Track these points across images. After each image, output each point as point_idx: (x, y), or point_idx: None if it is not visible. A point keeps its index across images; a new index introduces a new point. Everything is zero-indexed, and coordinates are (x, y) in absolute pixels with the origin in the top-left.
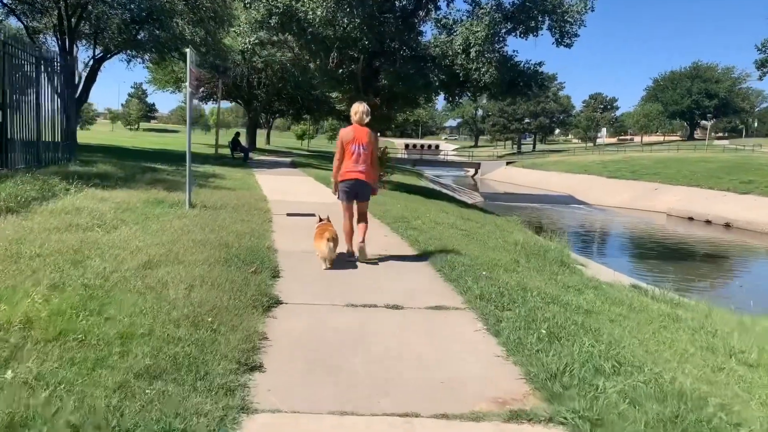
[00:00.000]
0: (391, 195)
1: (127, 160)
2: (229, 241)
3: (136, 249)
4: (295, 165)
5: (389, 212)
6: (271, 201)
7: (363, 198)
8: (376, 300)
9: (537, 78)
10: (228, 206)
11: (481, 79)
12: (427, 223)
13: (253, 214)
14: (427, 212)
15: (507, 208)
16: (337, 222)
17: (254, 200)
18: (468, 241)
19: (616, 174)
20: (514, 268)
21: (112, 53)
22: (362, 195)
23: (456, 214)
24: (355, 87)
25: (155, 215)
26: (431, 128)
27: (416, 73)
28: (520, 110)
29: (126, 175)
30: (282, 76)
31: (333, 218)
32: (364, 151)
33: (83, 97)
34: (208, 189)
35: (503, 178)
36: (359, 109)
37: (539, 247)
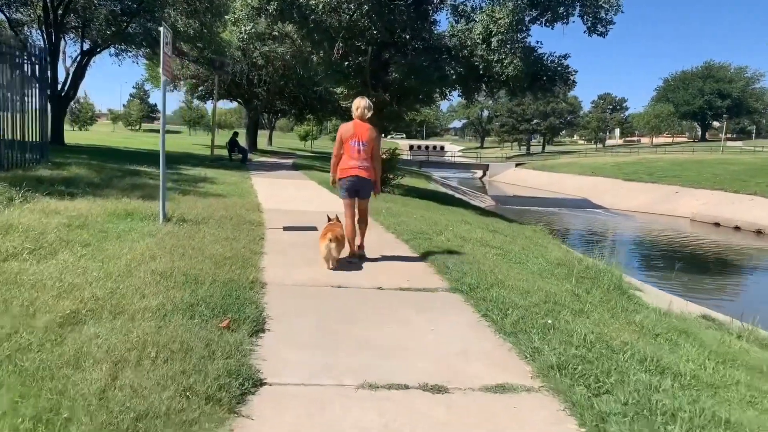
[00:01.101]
0: (403, 202)
1: (113, 161)
2: (202, 273)
3: (66, 289)
4: (297, 167)
5: (406, 225)
6: (267, 210)
7: (363, 195)
8: (404, 371)
9: (562, 72)
10: (212, 219)
11: (504, 72)
12: (452, 240)
13: (242, 230)
14: (447, 224)
15: (521, 213)
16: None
17: (246, 210)
18: (506, 264)
19: (632, 176)
20: (579, 308)
21: (101, 47)
22: (363, 192)
23: (479, 224)
24: (362, 81)
25: (116, 233)
26: (435, 129)
27: (430, 66)
28: (529, 110)
29: (101, 179)
30: (284, 73)
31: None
32: (364, 148)
33: (70, 93)
34: (193, 196)
35: (513, 180)
36: (361, 104)
37: (586, 268)
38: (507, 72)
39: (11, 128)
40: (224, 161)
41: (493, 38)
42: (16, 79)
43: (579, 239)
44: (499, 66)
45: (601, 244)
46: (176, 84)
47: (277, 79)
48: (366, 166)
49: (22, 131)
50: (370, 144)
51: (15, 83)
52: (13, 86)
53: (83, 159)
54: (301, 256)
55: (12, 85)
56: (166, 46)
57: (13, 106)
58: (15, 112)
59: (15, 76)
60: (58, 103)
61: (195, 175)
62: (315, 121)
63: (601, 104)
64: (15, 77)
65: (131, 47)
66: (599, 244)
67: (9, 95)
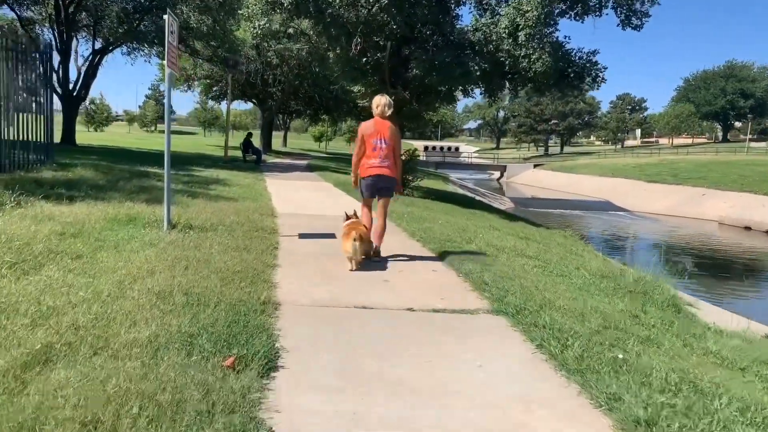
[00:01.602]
0: (425, 205)
1: (123, 162)
2: (206, 292)
3: (43, 314)
4: (312, 168)
5: (431, 232)
6: (281, 215)
7: (386, 193)
8: (452, 424)
9: (591, 69)
10: (222, 225)
11: (531, 68)
12: (483, 249)
13: (254, 238)
14: (475, 230)
15: (542, 215)
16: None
17: (259, 215)
18: (549, 278)
19: (655, 178)
20: (646, 335)
21: (113, 46)
22: (386, 190)
23: (508, 230)
24: (381, 79)
25: (114, 243)
26: (450, 130)
27: (453, 62)
28: (547, 110)
29: (107, 181)
30: (299, 73)
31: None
32: (386, 146)
33: (82, 93)
34: (203, 199)
35: (531, 181)
36: (381, 102)
37: (633, 281)
38: (535, 68)
39: (13, 127)
40: (238, 162)
41: (520, 32)
42: (18, 75)
43: (609, 245)
44: (527, 61)
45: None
46: (190, 84)
47: (292, 79)
48: (388, 164)
49: (25, 131)
50: (392, 142)
51: (17, 80)
52: (14, 83)
53: (92, 160)
54: (318, 268)
55: (13, 81)
56: (170, 36)
57: (16, 105)
58: (17, 110)
59: (17, 72)
60: (70, 102)
61: (207, 177)
62: (330, 122)
63: (619, 104)
64: (17, 73)
65: (143, 45)
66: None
67: (9, 92)
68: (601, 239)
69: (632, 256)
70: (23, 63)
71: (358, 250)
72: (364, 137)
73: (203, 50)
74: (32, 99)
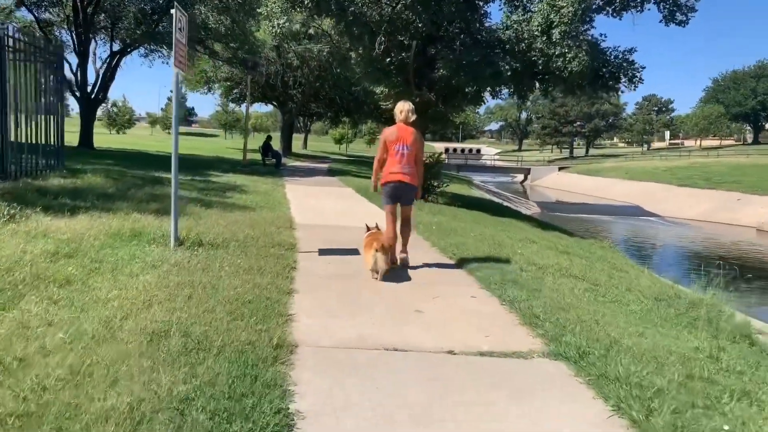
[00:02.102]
0: (452, 213)
1: (139, 167)
2: (209, 332)
3: (6, 369)
4: (333, 173)
5: (465, 248)
6: (300, 226)
7: (407, 201)
8: None
9: (627, 69)
10: (235, 240)
11: (567, 68)
12: (526, 269)
13: (269, 256)
14: (512, 244)
15: (570, 221)
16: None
17: (276, 228)
18: (605, 308)
19: (686, 182)
20: (740, 387)
21: (131, 47)
22: (406, 198)
23: (545, 243)
24: (405, 80)
25: (112, 264)
26: (471, 132)
27: (482, 62)
28: (572, 112)
29: (117, 189)
30: (319, 74)
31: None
32: (408, 152)
33: (100, 95)
34: (218, 209)
35: (556, 185)
36: (405, 107)
37: (691, 304)
38: (571, 67)
39: (21, 132)
40: (257, 166)
41: (555, 29)
42: (25, 76)
43: (646, 255)
44: (562, 61)
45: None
46: (210, 86)
47: (313, 81)
48: (409, 171)
49: (37, 135)
50: (414, 148)
51: (26, 81)
52: (21, 84)
53: (105, 165)
54: (341, 294)
55: (19, 83)
56: (179, 32)
57: (25, 107)
58: (25, 113)
59: (25, 73)
60: (88, 105)
61: (224, 183)
62: (350, 124)
63: (645, 106)
64: (25, 74)
65: (161, 47)
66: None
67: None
68: (636, 248)
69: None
70: (29, 63)
71: (380, 262)
72: (386, 143)
73: (222, 52)
74: (42, 101)
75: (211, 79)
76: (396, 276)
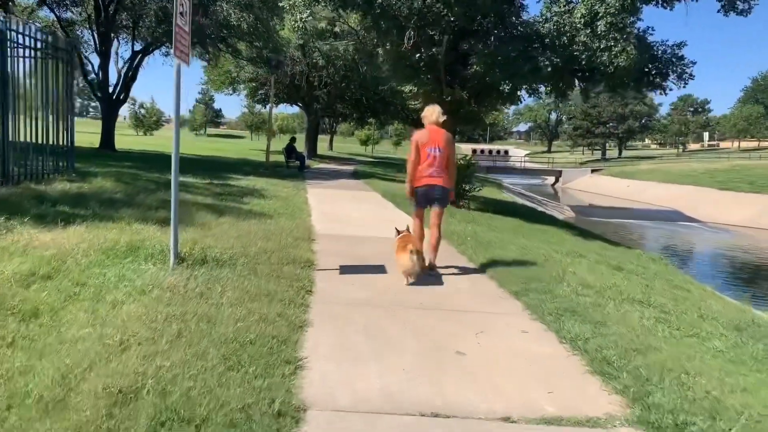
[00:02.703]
0: (487, 222)
1: (156, 169)
2: (196, 388)
3: None
4: (358, 175)
5: (506, 265)
6: (320, 236)
7: (441, 204)
8: None
9: (676, 65)
10: (245, 255)
11: (612, 63)
12: (581, 292)
13: (282, 276)
14: (560, 260)
15: (606, 226)
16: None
17: (293, 239)
18: (678, 340)
19: (728, 185)
20: None
21: (153, 47)
22: (440, 200)
23: (593, 255)
24: (435, 78)
25: (96, 288)
26: (499, 132)
27: (519, 56)
28: (605, 113)
29: (126, 194)
30: (345, 74)
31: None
32: (440, 154)
33: (122, 96)
34: (232, 217)
35: (588, 187)
36: (436, 110)
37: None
38: (617, 62)
39: (27, 132)
40: (281, 168)
41: (600, 21)
42: (33, 73)
43: (697, 266)
44: (607, 55)
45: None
46: (235, 86)
47: (338, 81)
48: (442, 173)
49: (45, 135)
50: (446, 150)
51: (33, 79)
52: (25, 82)
53: (122, 167)
54: (365, 327)
55: (24, 80)
56: (180, 18)
57: (31, 106)
58: (32, 112)
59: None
60: (109, 106)
61: (243, 187)
62: (377, 125)
63: (681, 106)
64: (33, 71)
65: None
66: (730, 276)
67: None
68: (684, 258)
69: (737, 284)
70: (36, 60)
71: (416, 264)
72: (418, 145)
73: (246, 51)
74: (51, 100)
75: (235, 79)
76: (430, 299)
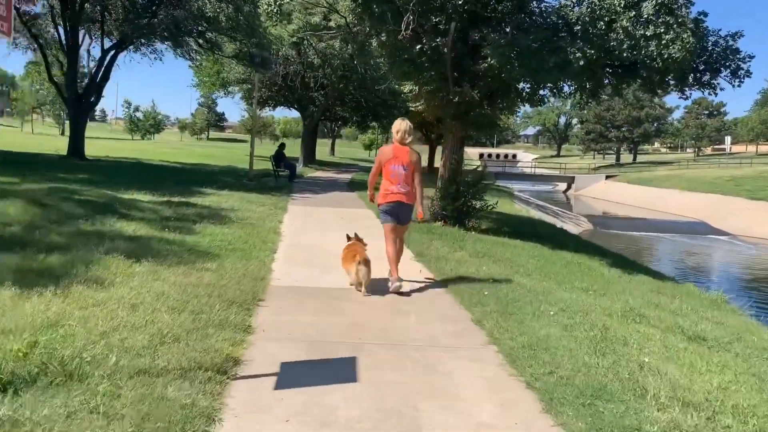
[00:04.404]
0: (504, 253)
1: (114, 183)
2: None
3: None
4: (354, 186)
5: (545, 347)
6: (275, 294)
7: (403, 221)
8: None
9: (731, 60)
10: (111, 360)
11: (662, 54)
12: (681, 420)
13: (157, 416)
14: (615, 328)
15: (628, 240)
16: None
17: (229, 303)
18: None
19: (758, 195)
20: None
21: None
22: (403, 218)
23: (657, 312)
24: (440, 74)
25: None
26: (506, 136)
27: (543, 48)
28: (620, 116)
29: (27, 226)
30: (343, 74)
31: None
32: (405, 172)
33: (92, 98)
34: (155, 260)
35: (603, 194)
36: (401, 127)
37: None
38: (669, 53)
39: None
40: (268, 179)
41: (646, 3)
42: None
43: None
44: (655, 45)
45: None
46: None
47: (335, 81)
48: (407, 190)
49: None
50: (411, 168)
51: None
52: None
53: (70, 181)
54: None
55: None
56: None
57: None
58: None
59: None
60: (78, 108)
61: (206, 207)
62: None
63: (695, 109)
64: None
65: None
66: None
67: None
68: (729, 284)
69: None
70: None
71: (365, 275)
72: (381, 163)
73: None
74: None
75: (225, 81)
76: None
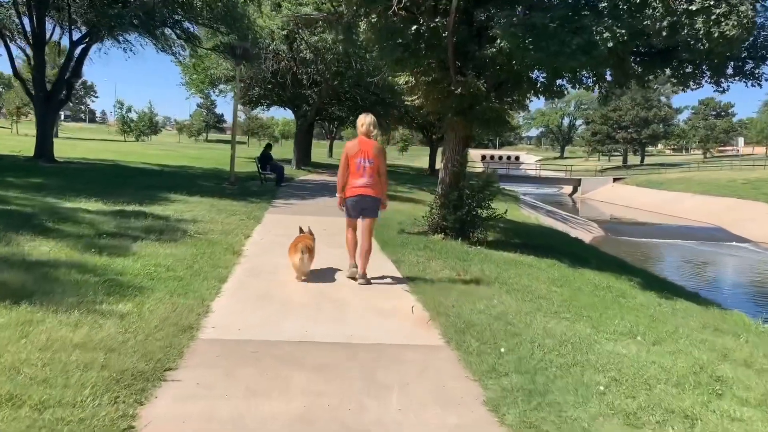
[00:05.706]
0: (517, 276)
1: (65, 191)
2: None
3: None
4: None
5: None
6: (199, 353)
7: (370, 214)
8: None
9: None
10: None
11: (711, 33)
12: None
13: None
14: (686, 401)
15: (643, 248)
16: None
17: (120, 371)
18: None
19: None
20: None
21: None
22: (369, 211)
23: (727, 374)
24: (440, 62)
25: None
26: (509, 137)
27: (564, 26)
28: (627, 117)
29: None
30: (337, 70)
31: None
32: (370, 165)
33: (62, 95)
34: (50, 300)
35: (611, 198)
36: (366, 121)
37: None
38: (719, 31)
39: None
40: (253, 182)
41: None
42: None
43: None
44: (703, 22)
45: None
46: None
47: (329, 78)
48: (372, 183)
49: None
50: (376, 161)
51: None
52: None
53: (5, 187)
54: None
55: None
56: None
57: None
58: None
59: None
60: (45, 105)
61: (164, 217)
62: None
63: (702, 110)
64: None
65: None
66: None
67: None
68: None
69: None
70: None
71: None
72: (348, 157)
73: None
74: None
75: (215, 77)
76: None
